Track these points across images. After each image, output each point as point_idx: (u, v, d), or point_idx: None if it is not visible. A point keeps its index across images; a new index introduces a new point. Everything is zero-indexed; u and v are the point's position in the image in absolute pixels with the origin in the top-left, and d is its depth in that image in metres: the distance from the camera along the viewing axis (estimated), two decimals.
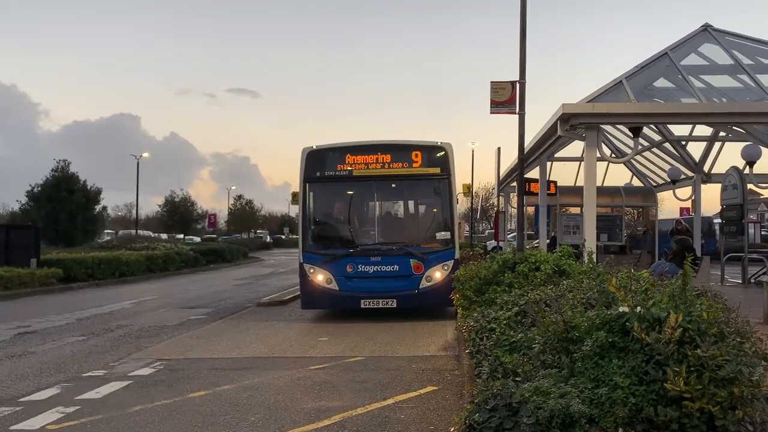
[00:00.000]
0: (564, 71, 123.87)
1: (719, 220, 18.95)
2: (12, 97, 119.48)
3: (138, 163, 47.51)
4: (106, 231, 53.87)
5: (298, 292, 12.43)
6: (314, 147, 11.67)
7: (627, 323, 3.66)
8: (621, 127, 15.48)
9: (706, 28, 13.80)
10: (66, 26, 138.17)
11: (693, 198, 20.81)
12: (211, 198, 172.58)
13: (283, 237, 72.02)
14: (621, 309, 3.78)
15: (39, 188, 37.39)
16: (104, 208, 43.45)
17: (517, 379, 4.10)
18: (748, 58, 13.00)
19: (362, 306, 11.12)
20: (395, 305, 11.09)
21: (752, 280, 15.42)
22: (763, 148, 15.66)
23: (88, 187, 38.64)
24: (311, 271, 11.36)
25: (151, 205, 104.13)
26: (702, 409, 3.25)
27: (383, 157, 11.55)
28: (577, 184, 21.63)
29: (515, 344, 5.13)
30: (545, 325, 4.24)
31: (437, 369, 7.28)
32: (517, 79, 11.59)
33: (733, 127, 15.94)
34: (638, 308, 3.71)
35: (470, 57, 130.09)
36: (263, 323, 11.35)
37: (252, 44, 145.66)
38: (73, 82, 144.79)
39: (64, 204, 36.23)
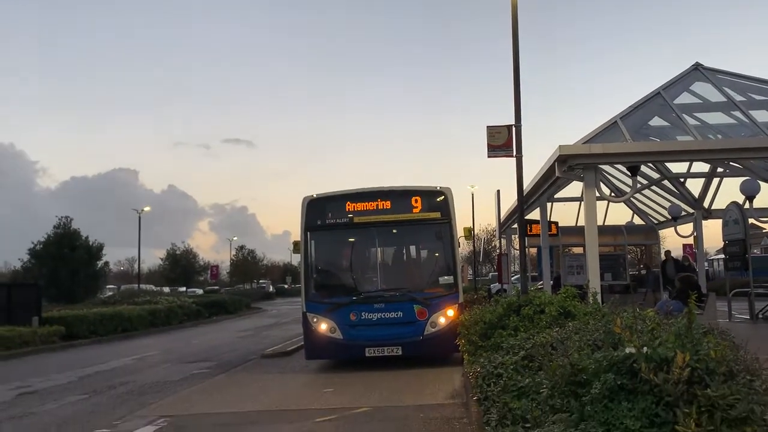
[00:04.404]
0: (562, 111, 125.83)
1: (722, 255, 18.88)
2: (9, 156, 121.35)
3: (140, 218, 47.60)
4: (108, 286, 53.81)
5: (302, 343, 12.32)
6: (314, 196, 11.73)
7: (635, 364, 3.61)
8: (619, 166, 15.58)
9: (697, 67, 14.02)
10: (60, 84, 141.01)
11: (695, 234, 20.79)
12: (212, 249, 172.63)
13: (286, 286, 71.78)
14: (628, 350, 3.74)
15: (41, 245, 37.54)
16: (106, 263, 43.59)
17: (527, 425, 4.03)
18: (740, 95, 13.17)
19: (367, 355, 10.99)
20: (400, 353, 10.97)
21: (760, 315, 15.29)
22: (761, 183, 15.73)
23: (90, 243, 38.82)
24: (314, 320, 11.28)
25: (152, 258, 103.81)
26: None
27: (383, 204, 11.60)
28: (578, 224, 21.64)
29: (523, 389, 5.05)
30: (552, 368, 4.18)
31: (445, 418, 7.12)
32: (513, 123, 11.72)
33: (730, 163, 16.04)
34: (645, 348, 3.66)
35: (468, 100, 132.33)
36: (267, 375, 11.21)
37: (245, 94, 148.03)
38: (70, 139, 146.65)
39: (66, 261, 36.35)
